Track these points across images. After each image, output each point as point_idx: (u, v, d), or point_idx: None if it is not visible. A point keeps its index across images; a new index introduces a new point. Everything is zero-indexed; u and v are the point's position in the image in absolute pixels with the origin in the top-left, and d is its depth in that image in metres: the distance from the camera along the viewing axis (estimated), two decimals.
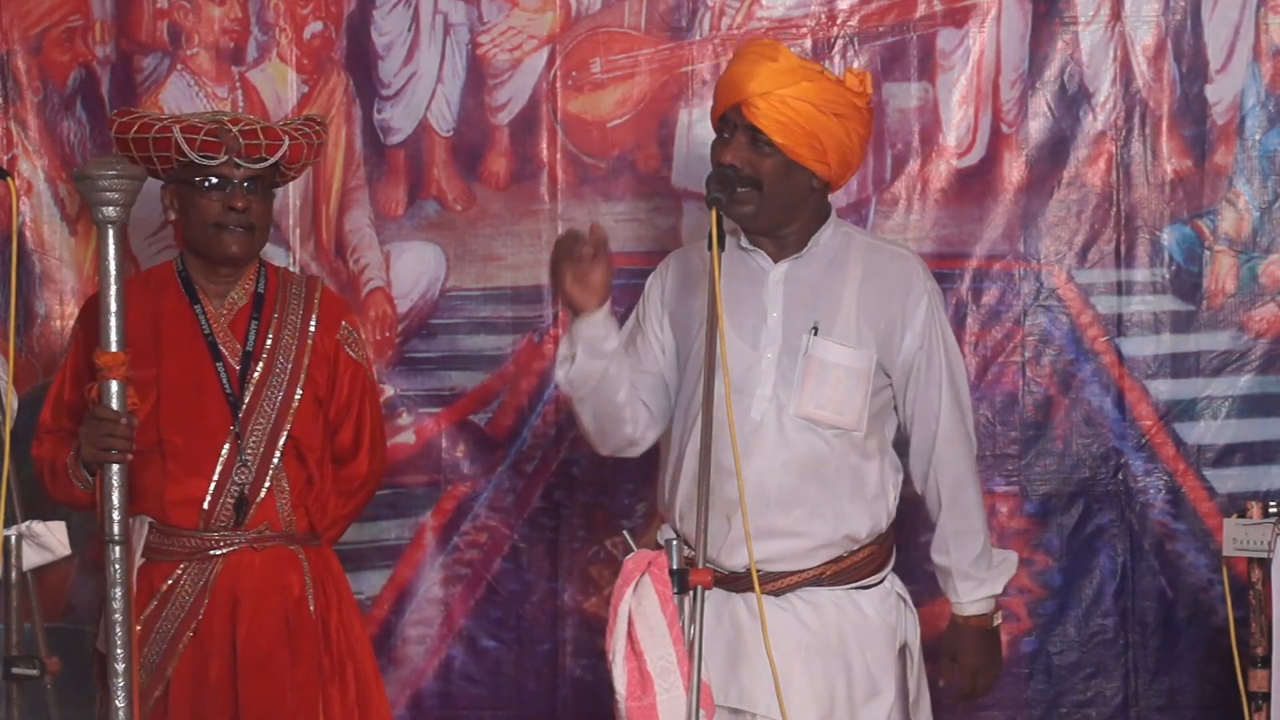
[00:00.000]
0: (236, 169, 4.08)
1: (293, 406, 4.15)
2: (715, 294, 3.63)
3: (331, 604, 4.17)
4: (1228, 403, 4.74)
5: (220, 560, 4.10)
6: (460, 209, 4.77)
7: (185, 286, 4.20)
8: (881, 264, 4.02)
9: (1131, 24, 4.75)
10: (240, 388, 4.13)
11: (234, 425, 4.10)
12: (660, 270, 4.11)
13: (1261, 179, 4.76)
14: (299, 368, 4.18)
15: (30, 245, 4.69)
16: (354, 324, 4.31)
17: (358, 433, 4.27)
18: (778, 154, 3.89)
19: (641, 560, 3.62)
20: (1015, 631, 4.73)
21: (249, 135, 4.07)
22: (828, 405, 3.93)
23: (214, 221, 4.11)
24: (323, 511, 4.20)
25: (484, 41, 4.75)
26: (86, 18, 4.72)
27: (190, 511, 4.09)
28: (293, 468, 4.14)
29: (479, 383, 4.76)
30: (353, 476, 4.28)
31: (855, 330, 3.95)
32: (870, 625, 3.96)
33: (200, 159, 4.05)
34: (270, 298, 4.21)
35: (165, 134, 4.06)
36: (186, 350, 4.15)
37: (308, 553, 4.17)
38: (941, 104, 4.76)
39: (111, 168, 3.59)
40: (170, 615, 4.09)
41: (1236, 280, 4.75)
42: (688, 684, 3.49)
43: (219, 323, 4.17)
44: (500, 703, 4.65)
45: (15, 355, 4.34)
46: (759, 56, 3.93)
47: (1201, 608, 4.71)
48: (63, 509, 4.43)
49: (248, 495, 4.10)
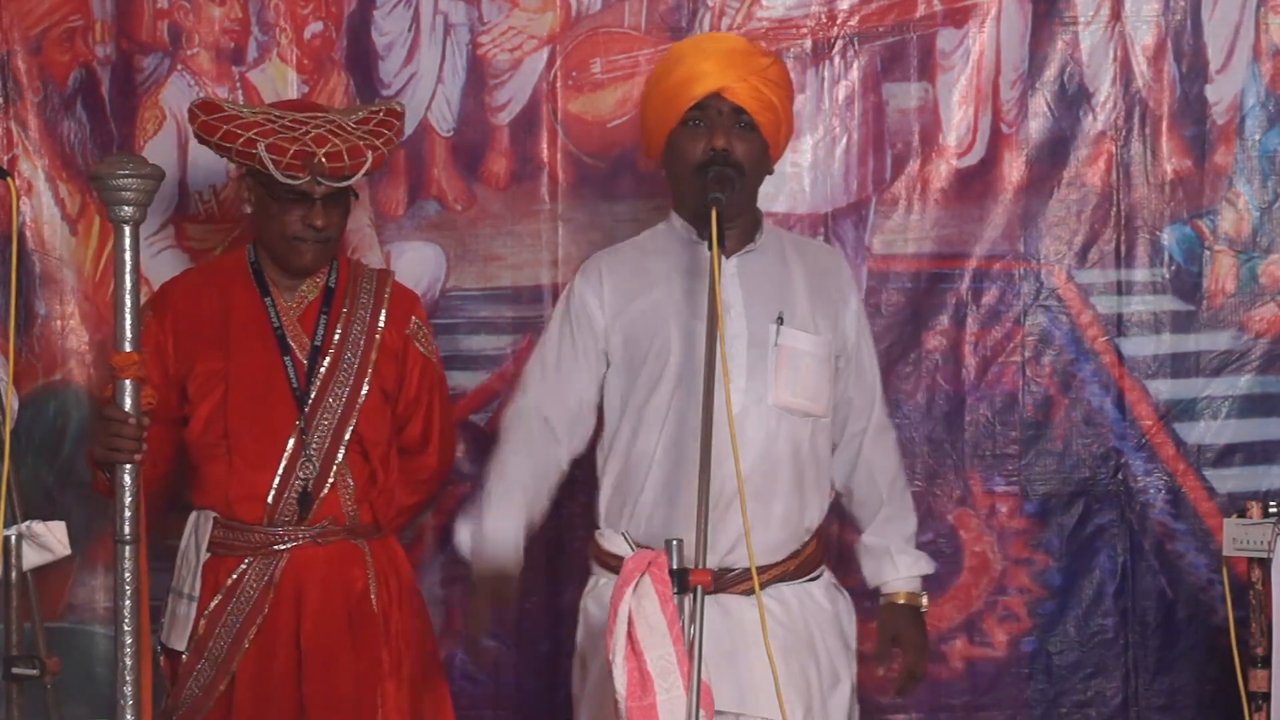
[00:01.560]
0: (318, 186, 4.10)
1: (359, 402, 4.16)
2: (715, 294, 3.63)
3: (393, 598, 4.19)
4: (1228, 403, 4.74)
5: (285, 555, 4.12)
6: (460, 209, 4.77)
7: (256, 278, 4.21)
8: (815, 256, 4.13)
9: (1131, 24, 4.75)
10: (307, 382, 4.15)
11: (299, 420, 4.12)
12: (590, 280, 4.07)
13: (1261, 179, 4.76)
14: (366, 363, 4.20)
15: (30, 245, 4.69)
16: (423, 318, 4.34)
17: (426, 425, 4.30)
18: (757, 136, 3.95)
19: (641, 560, 3.62)
20: (1015, 631, 4.74)
21: (334, 159, 4.07)
22: (802, 393, 3.96)
23: (292, 235, 4.13)
24: (388, 505, 4.23)
25: (484, 42, 4.76)
26: (87, 18, 4.72)
27: (255, 506, 4.11)
28: (357, 463, 4.16)
29: (479, 383, 4.76)
30: (422, 468, 4.32)
31: (812, 319, 4.00)
32: (825, 615, 4.01)
33: (283, 177, 4.06)
34: (340, 292, 4.23)
35: (251, 149, 4.04)
36: (256, 343, 4.17)
37: (372, 546, 4.19)
38: (941, 104, 4.76)
39: (124, 166, 3.60)
40: (235, 610, 4.11)
41: (1236, 280, 4.75)
42: (688, 684, 3.49)
43: (289, 316, 4.19)
44: (500, 703, 4.65)
45: (15, 355, 4.34)
46: (719, 46, 4.02)
47: (1201, 608, 4.71)
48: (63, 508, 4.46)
49: (311, 490, 4.11)
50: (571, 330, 4.05)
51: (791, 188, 4.72)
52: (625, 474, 3.99)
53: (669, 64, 4.04)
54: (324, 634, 4.10)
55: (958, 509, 4.74)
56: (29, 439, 4.59)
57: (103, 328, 4.68)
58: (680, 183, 4.01)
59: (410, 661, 4.18)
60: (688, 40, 4.38)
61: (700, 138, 3.93)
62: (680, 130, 3.96)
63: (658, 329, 3.96)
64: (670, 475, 3.92)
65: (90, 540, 4.55)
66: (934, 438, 4.74)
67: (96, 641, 4.63)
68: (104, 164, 3.62)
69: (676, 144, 3.97)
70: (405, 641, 4.19)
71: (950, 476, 4.73)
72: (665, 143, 4.00)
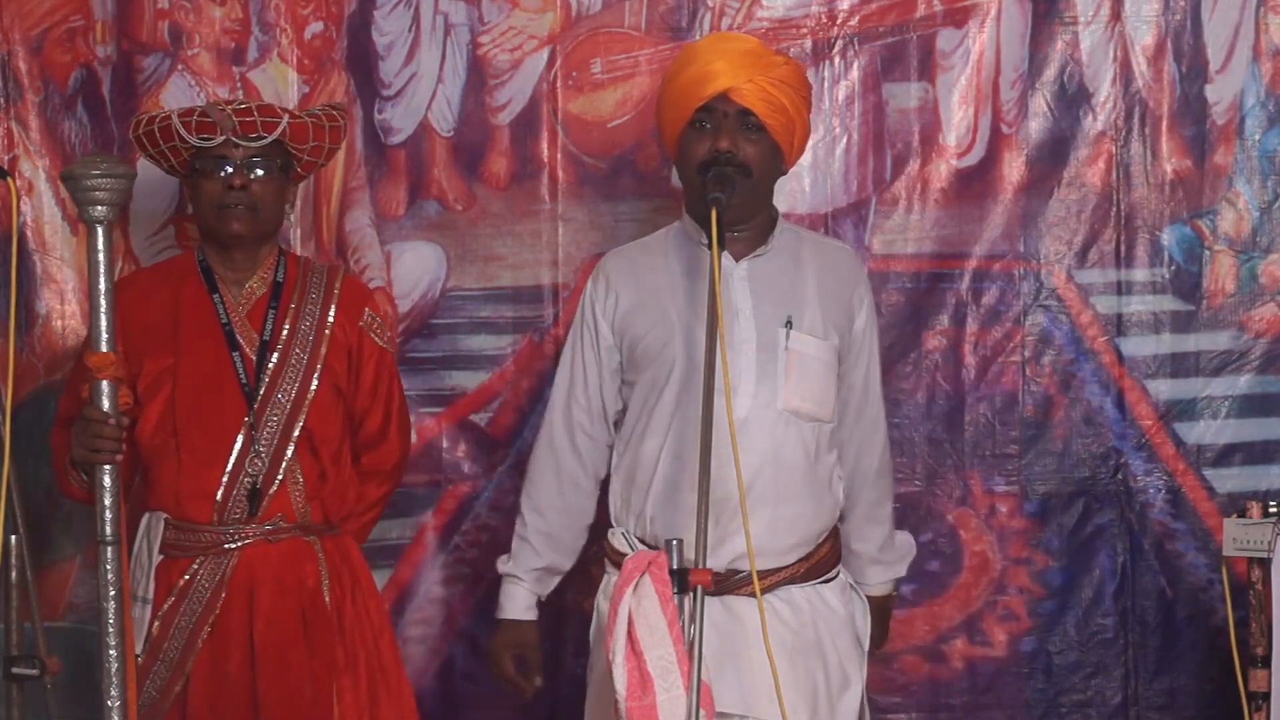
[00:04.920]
0: (235, 149, 4.10)
1: (308, 398, 4.15)
2: (715, 293, 3.64)
3: (347, 594, 4.18)
4: (1227, 403, 4.74)
5: (236, 553, 4.10)
6: (461, 209, 4.77)
7: (205, 276, 4.21)
8: (832, 257, 4.11)
9: (1131, 24, 4.75)
10: (256, 379, 4.14)
11: (248, 416, 4.11)
12: (597, 285, 4.09)
13: (1261, 179, 4.76)
14: (316, 358, 4.18)
15: (31, 245, 4.70)
16: (377, 310, 4.32)
17: (386, 414, 4.28)
18: (765, 137, 3.93)
19: (641, 560, 3.62)
20: (1015, 631, 4.74)
21: (243, 114, 4.09)
22: (810, 398, 3.96)
23: (217, 203, 4.13)
24: (341, 502, 4.21)
25: (484, 42, 4.76)
26: (87, 18, 4.72)
27: (204, 504, 4.09)
28: (306, 460, 4.14)
29: (480, 383, 4.76)
30: (385, 458, 4.30)
31: (821, 323, 4.00)
32: (837, 619, 4.00)
33: (198, 141, 4.08)
34: (289, 287, 4.22)
35: (167, 123, 4.08)
36: (204, 340, 4.15)
37: (324, 544, 4.17)
38: (941, 104, 4.76)
39: (97, 166, 3.58)
40: (188, 610, 4.10)
41: (1236, 280, 4.75)
42: (688, 684, 3.49)
43: (237, 312, 4.18)
44: (501, 702, 4.65)
45: (15, 355, 4.34)
46: (731, 47, 4.00)
47: (1201, 607, 4.71)
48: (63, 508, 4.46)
49: (261, 487, 4.10)
50: (586, 338, 4.08)
51: (791, 188, 4.72)
52: (633, 474, 3.99)
53: (682, 63, 4.03)
54: (277, 632, 4.08)
55: (958, 509, 4.74)
56: (29, 439, 4.59)
57: None
58: (687, 183, 4.01)
59: (366, 658, 4.18)
60: (704, 39, 4.36)
61: (706, 138, 3.92)
62: (688, 131, 3.96)
63: (663, 332, 3.97)
64: (674, 478, 3.92)
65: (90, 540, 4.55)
66: (934, 438, 4.74)
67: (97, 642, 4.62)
68: (77, 164, 3.61)
69: (684, 144, 3.97)
70: (360, 638, 4.17)
71: (950, 476, 4.74)
72: (677, 142, 4.00)
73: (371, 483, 4.30)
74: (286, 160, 4.19)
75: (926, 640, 4.74)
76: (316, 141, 4.20)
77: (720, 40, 4.20)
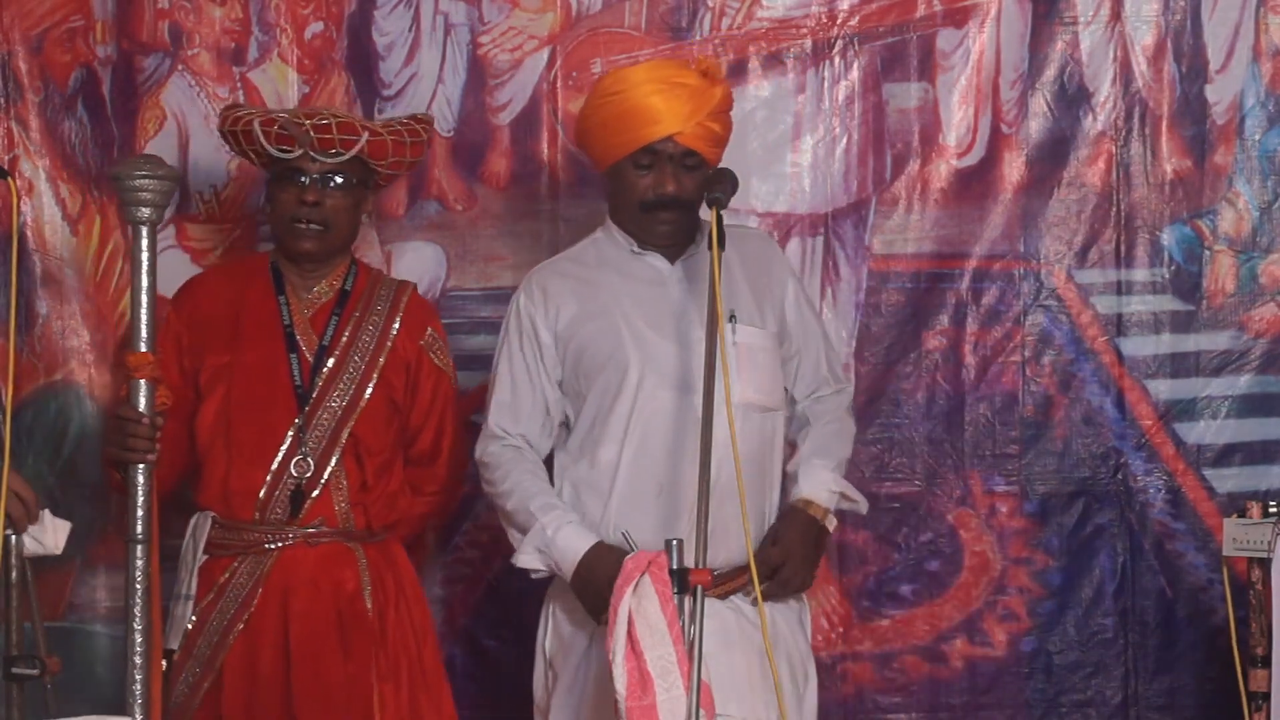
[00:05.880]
0: (312, 163, 4.11)
1: (360, 405, 4.16)
2: (715, 293, 3.65)
3: (390, 602, 4.18)
4: (1227, 402, 4.74)
5: (275, 554, 4.12)
6: (461, 209, 4.77)
7: (274, 278, 4.22)
8: (749, 245, 4.11)
9: (1131, 24, 4.75)
10: (310, 381, 4.14)
11: (299, 418, 4.11)
12: (533, 297, 4.06)
13: (1261, 179, 4.76)
14: (373, 367, 4.20)
15: (31, 245, 4.70)
16: (440, 331, 4.34)
17: (438, 437, 4.29)
18: (702, 165, 3.99)
19: (641, 560, 3.62)
20: (1015, 631, 4.74)
21: (322, 130, 4.10)
22: (762, 389, 3.98)
23: (290, 216, 4.16)
24: (388, 510, 4.21)
25: (484, 42, 4.76)
26: (87, 18, 4.72)
27: (247, 502, 4.11)
28: (351, 467, 4.15)
29: (480, 383, 4.75)
30: (431, 479, 4.31)
31: (759, 313, 4.02)
32: (791, 613, 4.01)
33: (277, 152, 4.10)
34: (356, 296, 4.24)
35: (249, 127, 4.12)
36: (264, 340, 4.18)
37: (367, 550, 4.18)
38: (941, 104, 4.76)
39: (141, 168, 3.61)
40: (224, 608, 4.12)
41: (1236, 280, 4.75)
42: (688, 684, 3.49)
43: (300, 315, 4.20)
44: (501, 702, 4.65)
45: (16, 355, 4.34)
46: (666, 80, 3.99)
47: (1201, 607, 4.71)
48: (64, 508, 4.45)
49: (304, 489, 4.11)
50: (523, 346, 4.04)
51: (791, 188, 4.72)
52: (588, 481, 3.96)
53: (613, 87, 4.02)
54: (311, 634, 4.09)
55: (958, 509, 4.74)
56: (30, 439, 4.59)
57: (103, 327, 4.68)
58: (623, 209, 4.04)
59: (409, 665, 4.17)
60: (637, 67, 4.20)
61: (648, 178, 3.98)
62: (628, 166, 3.99)
63: (612, 337, 3.97)
64: (636, 483, 3.91)
65: (91, 540, 4.55)
66: (934, 437, 4.74)
67: (97, 641, 4.63)
68: (123, 165, 3.64)
69: (623, 175, 4.01)
70: (402, 645, 4.17)
71: (950, 476, 4.74)
72: (613, 169, 4.03)
73: (418, 498, 4.31)
74: (365, 174, 4.21)
75: (926, 640, 4.73)
76: (396, 156, 4.21)
77: (655, 70, 4.12)
